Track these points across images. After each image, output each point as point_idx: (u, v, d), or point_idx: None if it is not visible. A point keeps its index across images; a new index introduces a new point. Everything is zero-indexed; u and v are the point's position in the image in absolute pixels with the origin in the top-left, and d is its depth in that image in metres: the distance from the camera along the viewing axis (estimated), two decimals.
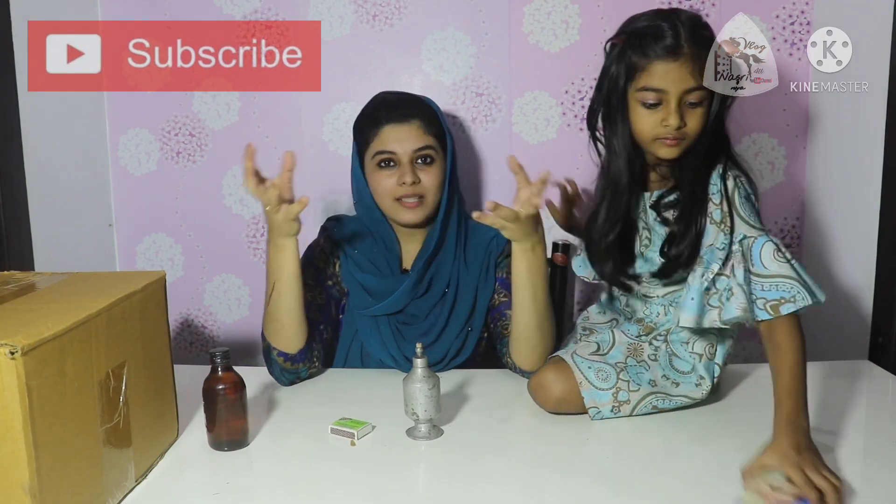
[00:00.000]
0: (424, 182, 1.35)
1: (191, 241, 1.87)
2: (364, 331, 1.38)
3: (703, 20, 1.14)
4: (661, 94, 1.10)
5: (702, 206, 1.14)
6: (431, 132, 1.37)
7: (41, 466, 0.76)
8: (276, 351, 1.28)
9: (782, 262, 1.07)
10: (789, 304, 1.04)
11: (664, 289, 1.22)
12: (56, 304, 0.89)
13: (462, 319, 1.38)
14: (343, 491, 0.97)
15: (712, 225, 1.12)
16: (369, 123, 1.39)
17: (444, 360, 1.37)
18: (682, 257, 1.14)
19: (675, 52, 1.08)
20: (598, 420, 1.16)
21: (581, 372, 1.16)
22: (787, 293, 1.05)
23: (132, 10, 1.75)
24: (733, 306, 1.07)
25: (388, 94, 1.45)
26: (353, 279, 1.39)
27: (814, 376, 1.38)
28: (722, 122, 1.16)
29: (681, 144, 1.13)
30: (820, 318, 1.69)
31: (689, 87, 1.09)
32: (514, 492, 0.97)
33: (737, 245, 1.10)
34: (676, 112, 1.10)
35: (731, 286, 1.09)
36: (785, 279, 1.05)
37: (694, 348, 1.21)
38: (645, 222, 1.22)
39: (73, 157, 1.75)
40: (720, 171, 1.14)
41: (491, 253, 1.41)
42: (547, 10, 1.72)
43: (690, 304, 1.11)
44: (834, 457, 1.03)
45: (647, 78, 1.10)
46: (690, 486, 0.96)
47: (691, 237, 1.13)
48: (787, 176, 1.76)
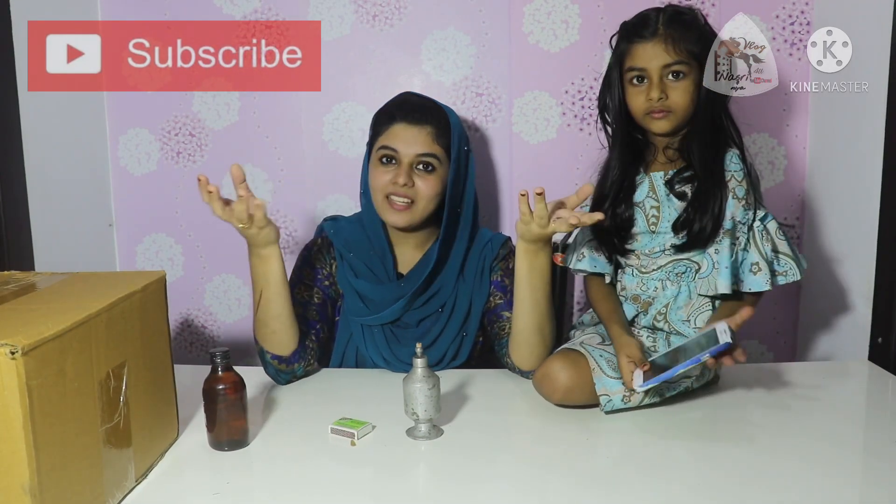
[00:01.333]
0: (419, 188, 1.34)
1: (191, 241, 1.87)
2: (359, 335, 1.38)
3: (686, 8, 1.25)
4: (643, 72, 1.22)
5: (720, 183, 1.21)
6: (440, 143, 1.36)
7: (41, 466, 0.76)
8: (270, 354, 1.28)
9: (782, 239, 1.24)
10: (781, 277, 1.23)
11: (664, 259, 1.25)
12: (56, 304, 0.89)
13: (457, 325, 1.38)
14: (343, 491, 0.97)
15: (734, 199, 1.21)
16: (384, 117, 1.39)
17: (439, 364, 1.37)
18: (705, 231, 1.21)
19: (652, 33, 1.21)
20: (607, 413, 1.16)
21: (594, 359, 1.17)
22: (783, 267, 1.23)
23: (132, 10, 1.75)
24: (761, 281, 1.20)
25: (411, 94, 1.44)
26: (347, 284, 1.39)
27: (814, 376, 1.39)
28: (720, 103, 1.23)
29: (668, 117, 1.23)
30: (820, 318, 1.69)
31: (666, 62, 1.20)
32: (514, 492, 0.97)
33: (759, 223, 1.22)
34: (658, 86, 1.21)
35: (757, 261, 1.20)
36: (783, 255, 1.23)
37: (697, 323, 1.24)
38: (655, 199, 1.27)
39: (73, 157, 1.75)
40: (738, 154, 1.24)
41: (485, 258, 1.41)
42: (547, 10, 1.72)
43: (725, 273, 1.19)
44: (834, 456, 1.03)
45: (630, 59, 1.24)
46: (690, 486, 0.96)
47: (713, 213, 1.20)
48: (787, 176, 1.76)
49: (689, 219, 1.22)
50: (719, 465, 1.01)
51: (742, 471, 1.00)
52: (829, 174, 1.68)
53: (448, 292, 1.39)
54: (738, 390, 1.28)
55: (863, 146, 1.49)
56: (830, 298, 1.64)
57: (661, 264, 1.26)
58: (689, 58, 1.20)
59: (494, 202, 1.79)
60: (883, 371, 1.37)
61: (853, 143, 1.56)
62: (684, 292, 1.25)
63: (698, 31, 1.22)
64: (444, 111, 1.39)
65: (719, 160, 1.23)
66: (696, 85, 1.22)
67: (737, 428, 1.16)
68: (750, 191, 1.22)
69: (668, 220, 1.25)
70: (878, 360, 1.42)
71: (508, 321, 1.34)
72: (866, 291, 1.49)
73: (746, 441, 1.09)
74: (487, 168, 1.79)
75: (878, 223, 1.45)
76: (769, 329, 1.82)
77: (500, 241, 1.43)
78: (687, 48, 1.20)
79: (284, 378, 1.31)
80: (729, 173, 1.22)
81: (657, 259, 1.26)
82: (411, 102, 1.40)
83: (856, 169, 1.55)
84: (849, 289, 1.58)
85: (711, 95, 1.22)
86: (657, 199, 1.27)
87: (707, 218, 1.20)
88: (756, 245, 1.21)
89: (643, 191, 1.28)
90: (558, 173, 1.77)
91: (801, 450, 1.06)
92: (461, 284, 1.40)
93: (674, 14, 1.22)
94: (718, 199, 1.21)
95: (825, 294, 1.66)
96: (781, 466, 1.01)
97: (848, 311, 1.59)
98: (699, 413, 1.19)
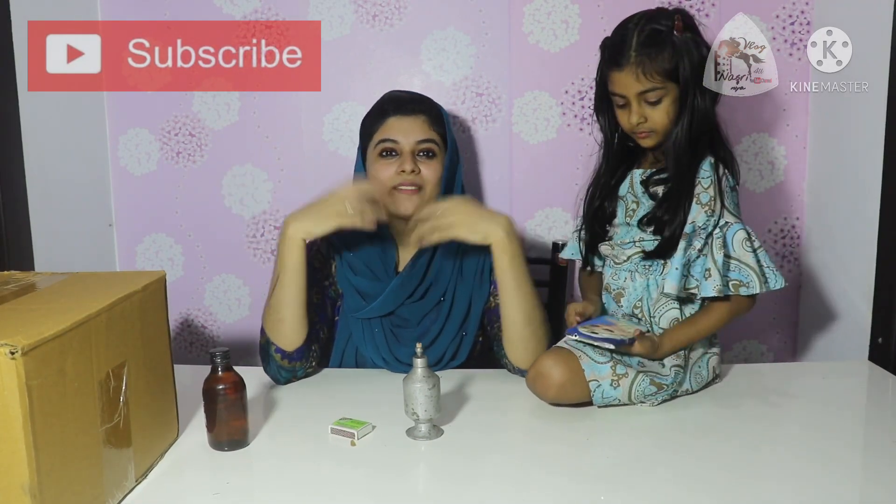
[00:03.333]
0: (424, 174, 1.36)
1: (191, 241, 1.87)
2: (358, 334, 1.38)
3: (662, 16, 1.21)
4: (623, 98, 1.23)
5: (689, 192, 1.22)
6: (436, 129, 1.39)
7: (41, 466, 0.76)
8: (275, 347, 1.28)
9: (748, 251, 1.21)
10: (744, 288, 1.20)
11: (633, 250, 1.27)
12: (56, 304, 0.89)
13: (457, 324, 1.38)
14: (343, 491, 0.97)
15: (697, 205, 1.21)
16: (375, 116, 1.41)
17: (439, 364, 1.37)
18: (674, 237, 1.22)
19: (622, 62, 1.20)
20: (599, 407, 1.17)
21: (579, 349, 1.19)
22: (745, 278, 1.20)
23: (132, 10, 1.75)
24: (710, 287, 1.19)
25: (396, 91, 1.47)
26: (346, 282, 1.39)
27: (814, 376, 1.39)
28: (706, 114, 1.22)
29: (652, 136, 1.24)
30: (820, 318, 1.69)
31: (640, 90, 1.20)
32: (513, 491, 0.97)
33: (718, 230, 1.21)
34: (637, 111, 1.22)
35: (710, 267, 1.19)
36: (745, 266, 1.21)
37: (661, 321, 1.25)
38: (634, 195, 1.29)
39: (73, 157, 1.75)
40: (711, 162, 1.23)
41: (486, 258, 1.41)
42: (547, 10, 1.72)
43: (675, 274, 1.20)
44: (834, 457, 1.03)
45: (610, 84, 1.24)
46: (690, 485, 0.96)
47: (679, 221, 1.21)
48: (787, 176, 1.76)
49: (654, 218, 1.24)
50: (718, 464, 1.01)
51: (741, 470, 1.00)
52: (829, 174, 1.68)
53: (444, 283, 1.39)
54: (737, 389, 1.28)
55: (863, 146, 1.49)
56: (830, 298, 1.64)
57: (629, 255, 1.27)
58: (664, 79, 1.19)
59: (494, 202, 1.79)
60: (883, 371, 1.37)
61: (853, 143, 1.56)
62: (653, 286, 1.26)
63: (671, 48, 1.18)
64: (432, 102, 1.43)
65: (695, 166, 1.23)
66: (675, 101, 1.21)
67: (736, 427, 1.15)
68: (716, 198, 1.21)
69: (641, 215, 1.27)
70: (878, 360, 1.42)
71: None
72: (866, 291, 1.48)
73: (745, 440, 1.09)
74: (487, 168, 1.79)
75: (878, 223, 1.45)
76: (769, 329, 1.82)
77: None
78: (660, 70, 1.18)
79: (284, 377, 1.31)
80: (697, 179, 1.22)
81: (627, 250, 1.28)
82: (400, 97, 1.43)
83: (856, 169, 1.55)
84: (849, 289, 1.58)
85: (693, 109, 1.21)
86: (635, 195, 1.29)
87: (675, 223, 1.21)
88: (711, 252, 1.20)
89: (626, 186, 1.31)
90: (558, 173, 1.77)
91: (800, 450, 1.06)
92: (460, 283, 1.40)
93: (647, 37, 1.18)
94: (684, 204, 1.21)
95: (825, 294, 1.66)
96: (781, 466, 1.01)
97: (848, 311, 1.59)
98: (698, 412, 1.19)
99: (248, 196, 1.84)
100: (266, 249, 1.86)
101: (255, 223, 1.85)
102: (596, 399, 1.17)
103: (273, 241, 1.85)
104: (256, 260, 1.86)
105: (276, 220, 1.84)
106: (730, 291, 1.20)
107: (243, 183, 1.83)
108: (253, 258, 1.86)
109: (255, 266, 1.86)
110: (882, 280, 1.45)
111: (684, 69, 1.18)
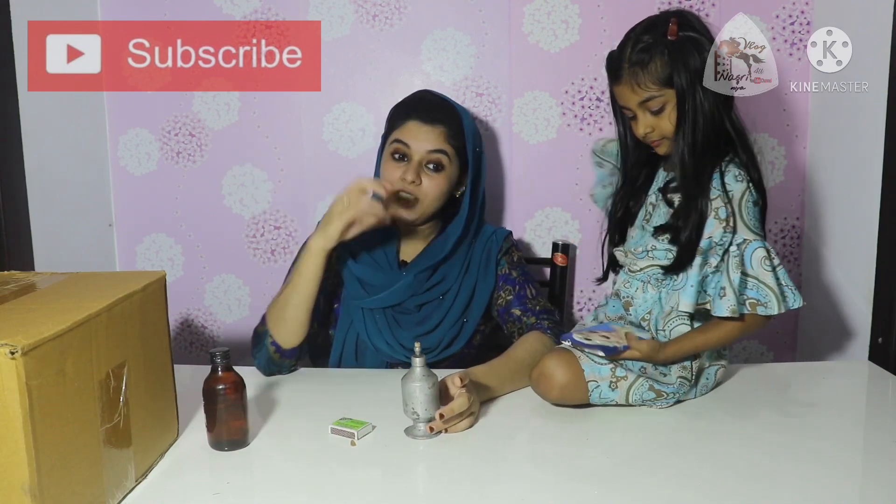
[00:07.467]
0: (425, 186, 1.37)
1: (191, 241, 1.87)
2: (359, 321, 1.39)
3: (660, 21, 1.18)
4: (630, 110, 1.23)
5: (702, 199, 1.18)
6: (451, 142, 1.39)
7: (41, 466, 0.76)
8: (272, 339, 1.30)
9: (767, 270, 1.16)
10: (761, 308, 1.16)
11: (645, 262, 1.25)
12: (56, 304, 0.89)
13: (458, 311, 1.40)
14: (343, 491, 0.97)
15: (715, 220, 1.17)
16: (401, 112, 1.42)
17: (436, 350, 1.38)
18: (690, 244, 1.19)
19: (619, 75, 1.20)
20: (598, 404, 1.17)
21: (579, 351, 1.19)
22: (763, 297, 1.16)
23: (132, 10, 1.75)
24: (724, 306, 1.14)
25: (428, 93, 1.48)
26: (347, 270, 1.41)
27: (814, 376, 1.39)
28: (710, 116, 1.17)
29: (664, 144, 1.23)
30: (820, 318, 1.69)
31: (639, 100, 1.19)
32: (513, 491, 0.97)
33: (735, 247, 1.17)
34: (642, 122, 1.21)
35: (725, 286, 1.15)
36: (763, 286, 1.16)
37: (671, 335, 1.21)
38: (655, 200, 1.28)
39: (73, 157, 1.75)
40: (721, 170, 1.19)
41: (490, 251, 1.43)
42: (547, 10, 1.72)
43: (690, 292, 1.17)
44: (834, 457, 1.03)
45: (617, 97, 1.24)
46: (690, 485, 0.96)
47: (692, 227, 1.18)
48: (787, 176, 1.76)
49: (670, 226, 1.21)
50: (719, 464, 1.01)
51: (741, 470, 0.99)
52: (829, 174, 1.68)
53: (452, 279, 1.41)
54: (737, 390, 1.28)
55: (863, 146, 1.49)
56: (830, 298, 1.64)
57: (642, 266, 1.25)
58: (661, 87, 1.17)
59: (494, 202, 1.79)
60: (883, 371, 1.37)
61: (853, 143, 1.56)
62: (664, 298, 1.23)
63: (664, 55, 1.15)
64: (459, 112, 1.42)
65: (708, 172, 1.18)
66: (681, 107, 1.18)
67: (736, 427, 1.15)
68: (732, 214, 1.17)
69: (656, 221, 1.25)
70: (878, 360, 1.42)
71: (519, 320, 1.40)
72: (866, 291, 1.49)
73: (746, 440, 1.09)
74: (488, 168, 1.78)
75: (878, 223, 1.45)
76: (769, 329, 1.82)
77: (503, 235, 1.48)
78: (654, 79, 1.16)
79: (270, 370, 1.33)
80: (716, 191, 1.18)
81: (640, 261, 1.25)
82: (427, 101, 1.43)
83: (856, 169, 1.55)
84: (849, 289, 1.58)
85: (695, 112, 1.17)
86: (656, 200, 1.28)
87: (688, 229, 1.17)
88: (727, 270, 1.16)
89: (654, 187, 1.29)
90: (558, 173, 1.77)
91: (801, 449, 1.06)
92: (465, 275, 1.42)
93: (639, 48, 1.17)
94: (695, 210, 1.17)
95: (825, 294, 1.66)
96: (781, 466, 1.01)
97: (848, 311, 1.59)
98: (698, 412, 1.19)
99: (248, 196, 1.84)
100: (266, 249, 1.86)
101: (255, 223, 1.85)
102: (593, 399, 1.17)
103: (273, 241, 1.85)
104: (256, 260, 1.86)
105: (276, 220, 1.84)
106: (746, 310, 1.16)
107: (243, 183, 1.83)
108: (253, 258, 1.86)
109: (255, 266, 1.86)
110: (882, 280, 1.45)
111: (678, 74, 1.15)
